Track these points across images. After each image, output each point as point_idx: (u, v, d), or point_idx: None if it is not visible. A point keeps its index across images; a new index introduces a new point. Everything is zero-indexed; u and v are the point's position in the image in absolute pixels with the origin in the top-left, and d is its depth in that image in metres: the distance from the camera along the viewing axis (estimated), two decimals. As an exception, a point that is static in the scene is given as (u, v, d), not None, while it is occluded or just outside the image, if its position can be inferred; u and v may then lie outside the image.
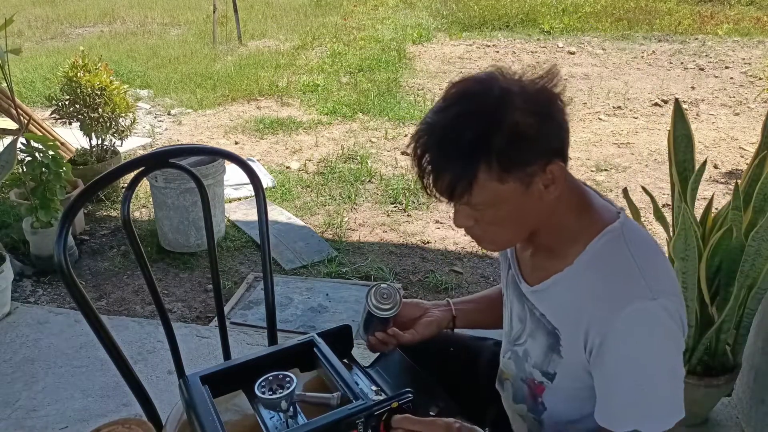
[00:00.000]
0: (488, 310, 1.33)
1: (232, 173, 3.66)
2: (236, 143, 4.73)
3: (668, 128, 1.84)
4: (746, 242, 1.71)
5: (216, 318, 2.17)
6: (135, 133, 4.24)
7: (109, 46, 7.48)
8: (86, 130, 3.56)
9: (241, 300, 2.83)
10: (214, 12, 7.46)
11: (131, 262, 3.14)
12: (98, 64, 3.58)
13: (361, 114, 5.27)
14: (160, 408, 1.32)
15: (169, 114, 5.40)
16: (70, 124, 3.58)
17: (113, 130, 3.63)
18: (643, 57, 6.90)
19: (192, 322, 2.69)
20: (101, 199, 3.67)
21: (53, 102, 3.56)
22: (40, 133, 3.28)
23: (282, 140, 4.76)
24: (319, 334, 1.23)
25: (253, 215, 3.53)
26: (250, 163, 2.31)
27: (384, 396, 1.06)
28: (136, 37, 8.07)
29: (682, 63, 6.64)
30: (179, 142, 4.73)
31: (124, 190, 1.34)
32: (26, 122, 3.35)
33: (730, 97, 5.56)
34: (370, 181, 4.04)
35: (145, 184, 3.55)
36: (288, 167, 4.27)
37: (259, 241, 1.85)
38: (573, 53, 7.08)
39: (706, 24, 8.12)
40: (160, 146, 4.67)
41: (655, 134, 4.79)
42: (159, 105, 5.63)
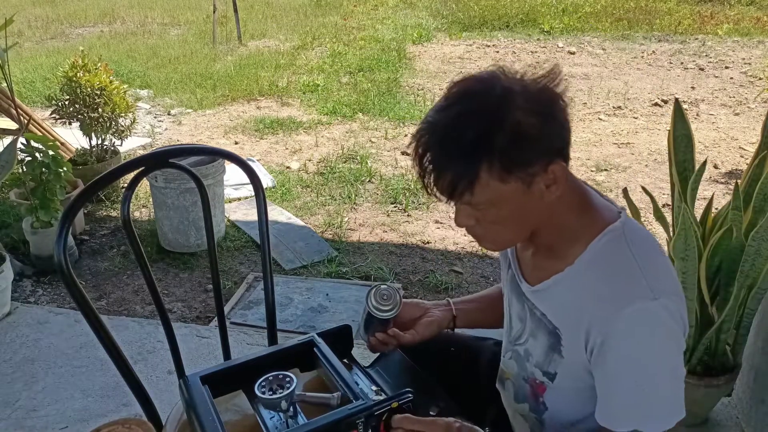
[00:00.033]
0: (489, 310, 1.33)
1: (232, 173, 3.66)
2: (236, 143, 4.73)
3: (668, 128, 1.84)
4: (746, 242, 1.71)
5: (216, 318, 2.17)
6: (135, 133, 4.24)
7: (109, 46, 7.48)
8: (86, 130, 3.56)
9: (241, 300, 2.83)
10: (214, 12, 7.46)
11: (131, 262, 3.14)
12: (98, 64, 3.58)
13: (361, 114, 5.26)
14: (160, 408, 1.32)
15: (169, 114, 5.40)
16: (70, 124, 3.58)
17: (113, 130, 3.63)
18: (643, 57, 6.90)
19: (192, 322, 2.69)
20: (101, 199, 3.67)
21: (53, 102, 3.56)
22: (40, 133, 3.28)
23: (282, 140, 4.75)
24: (319, 334, 1.23)
25: (253, 215, 3.53)
26: (250, 163, 2.31)
27: (384, 396, 1.06)
28: (136, 37, 8.07)
29: (682, 63, 6.64)
30: (179, 142, 4.73)
31: (124, 190, 1.34)
32: (26, 122, 3.35)
33: (730, 97, 5.56)
34: (370, 181, 4.04)
35: (145, 184, 3.55)
36: (288, 167, 4.26)
37: (259, 241, 1.85)
38: (573, 53, 7.08)
39: (706, 24, 8.12)
40: (160, 146, 4.67)
41: (655, 134, 4.79)
42: (159, 105, 5.63)
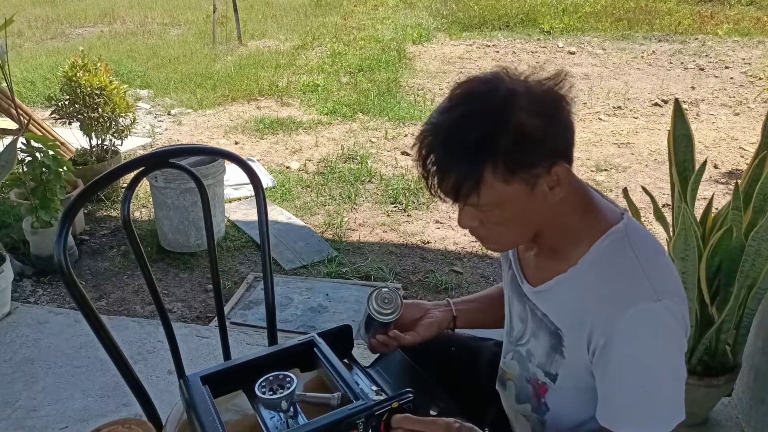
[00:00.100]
0: (489, 310, 1.32)
1: (232, 173, 3.66)
2: (236, 143, 4.73)
3: (668, 128, 1.84)
4: (746, 242, 1.71)
5: (216, 318, 2.17)
6: (135, 133, 4.24)
7: (109, 46, 7.48)
8: (86, 130, 3.56)
9: (241, 300, 2.83)
10: (214, 12, 7.46)
11: (131, 262, 3.14)
12: (98, 64, 3.58)
13: (361, 114, 5.26)
14: (160, 408, 1.32)
15: (169, 114, 5.39)
16: (70, 124, 3.58)
17: (113, 130, 3.63)
18: (643, 57, 6.90)
19: (192, 322, 2.69)
20: (101, 199, 3.67)
21: (53, 102, 3.56)
22: (40, 133, 3.28)
23: (282, 140, 4.75)
24: (319, 334, 1.23)
25: (253, 215, 3.53)
26: (250, 163, 2.31)
27: (384, 396, 1.06)
28: (136, 37, 8.07)
29: (682, 63, 6.64)
30: (179, 142, 4.73)
31: (124, 190, 1.34)
32: (26, 122, 3.35)
33: (730, 97, 5.56)
34: (370, 181, 4.04)
35: (145, 184, 3.55)
36: (288, 167, 4.26)
37: (259, 241, 1.85)
38: (573, 53, 7.08)
39: (706, 24, 8.12)
40: (160, 146, 4.67)
41: (655, 134, 4.79)
42: (159, 105, 5.62)
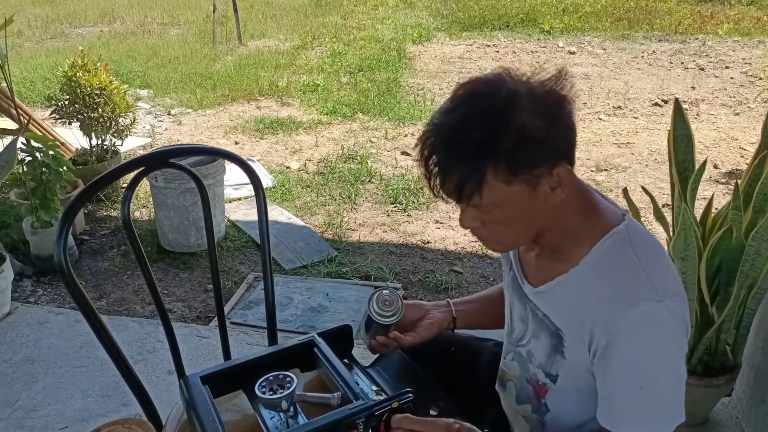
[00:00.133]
0: (489, 310, 1.32)
1: (232, 173, 3.66)
2: (236, 143, 4.73)
3: (668, 128, 1.84)
4: (746, 242, 1.71)
5: (216, 318, 2.17)
6: (135, 133, 4.24)
7: (109, 46, 7.48)
8: (86, 130, 3.56)
9: (241, 300, 2.83)
10: (214, 12, 7.46)
11: (131, 262, 3.14)
12: (98, 64, 3.58)
13: (361, 114, 5.26)
14: (160, 408, 1.32)
15: (169, 114, 5.39)
16: (70, 124, 3.58)
17: (113, 130, 3.63)
18: (643, 57, 6.90)
19: (192, 322, 2.69)
20: (101, 199, 3.67)
21: (53, 102, 3.56)
22: (40, 133, 3.28)
23: (282, 140, 4.75)
24: (319, 334, 1.22)
25: (253, 215, 3.53)
26: (250, 163, 2.31)
27: (384, 396, 1.06)
28: (136, 37, 8.07)
29: (682, 63, 6.64)
30: (179, 142, 4.73)
31: (124, 190, 1.34)
32: (26, 122, 3.35)
33: (730, 97, 5.56)
34: (370, 181, 4.04)
35: (145, 184, 3.55)
36: (288, 167, 4.26)
37: (259, 241, 1.85)
38: (573, 53, 7.08)
39: (706, 24, 8.12)
40: (160, 146, 4.67)
41: (655, 134, 4.79)
42: (159, 105, 5.62)
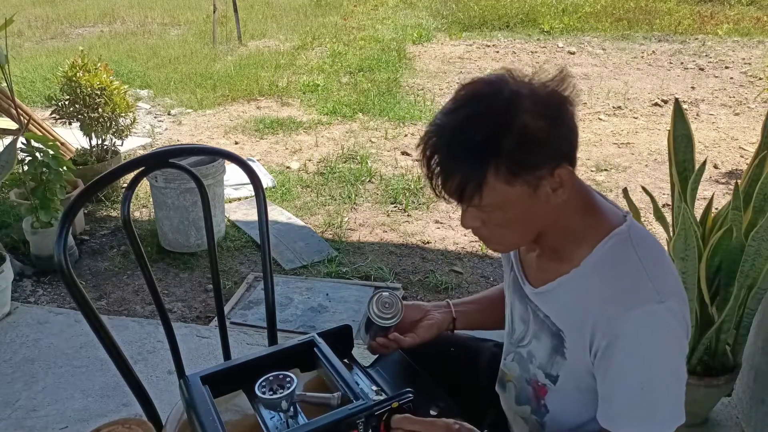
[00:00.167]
0: (489, 311, 1.32)
1: (232, 173, 3.66)
2: (236, 143, 4.73)
3: (668, 128, 1.84)
4: (746, 242, 1.71)
5: (216, 318, 2.17)
6: (135, 133, 4.24)
7: (109, 46, 7.48)
8: (86, 130, 3.56)
9: (241, 300, 2.83)
10: (214, 12, 7.46)
11: (131, 262, 3.14)
12: (98, 64, 3.58)
13: (361, 114, 5.26)
14: (160, 408, 1.32)
15: (169, 114, 5.39)
16: (70, 124, 3.58)
17: (113, 130, 3.63)
18: (643, 57, 6.90)
19: (192, 322, 2.69)
20: (101, 199, 3.67)
21: (53, 102, 3.56)
22: (40, 133, 3.28)
23: (282, 140, 4.75)
24: (319, 334, 1.23)
25: (253, 215, 3.53)
26: (250, 163, 2.31)
27: (384, 396, 1.06)
28: (136, 37, 8.07)
29: (682, 63, 6.64)
30: (179, 142, 4.73)
31: (124, 190, 1.34)
32: (26, 122, 3.35)
33: (730, 97, 5.56)
34: (370, 181, 4.04)
35: (145, 184, 3.55)
36: (288, 167, 4.26)
37: (259, 241, 1.85)
38: (573, 53, 7.07)
39: (706, 24, 8.12)
40: (160, 146, 4.67)
41: (655, 134, 4.79)
42: (159, 105, 5.62)
